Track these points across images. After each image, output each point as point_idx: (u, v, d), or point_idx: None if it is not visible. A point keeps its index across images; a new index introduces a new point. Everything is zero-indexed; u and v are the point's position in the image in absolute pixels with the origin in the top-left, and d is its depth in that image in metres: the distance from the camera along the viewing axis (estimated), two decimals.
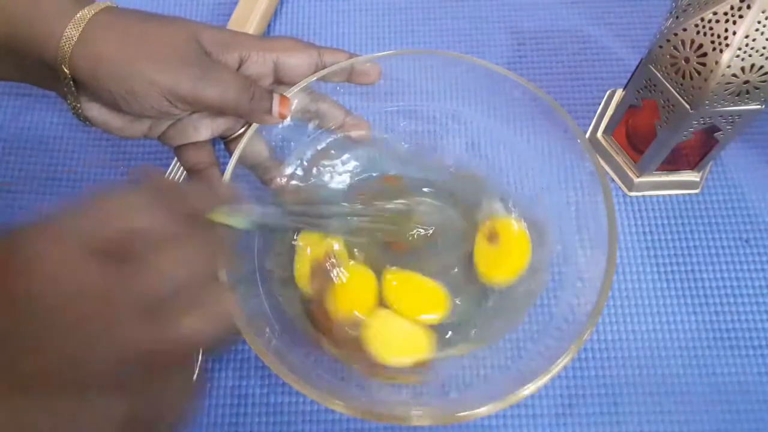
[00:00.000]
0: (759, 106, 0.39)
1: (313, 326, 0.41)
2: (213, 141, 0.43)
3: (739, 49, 0.36)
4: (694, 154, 0.47)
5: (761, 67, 0.37)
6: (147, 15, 0.38)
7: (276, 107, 0.39)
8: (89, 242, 0.24)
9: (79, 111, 0.38)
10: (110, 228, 0.25)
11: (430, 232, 0.44)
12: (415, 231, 0.44)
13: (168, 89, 0.36)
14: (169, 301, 0.25)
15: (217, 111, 0.39)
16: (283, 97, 0.39)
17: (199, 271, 0.27)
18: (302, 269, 0.42)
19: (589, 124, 0.52)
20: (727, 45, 0.36)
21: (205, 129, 0.41)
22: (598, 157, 0.39)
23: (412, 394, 0.40)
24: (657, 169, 0.48)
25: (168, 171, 0.49)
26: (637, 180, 0.49)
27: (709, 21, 0.37)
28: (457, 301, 0.42)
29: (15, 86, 0.54)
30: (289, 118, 0.41)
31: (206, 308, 0.26)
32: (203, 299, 0.26)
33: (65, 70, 0.35)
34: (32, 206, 0.50)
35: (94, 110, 0.38)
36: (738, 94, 0.38)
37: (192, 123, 0.41)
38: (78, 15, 0.35)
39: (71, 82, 0.36)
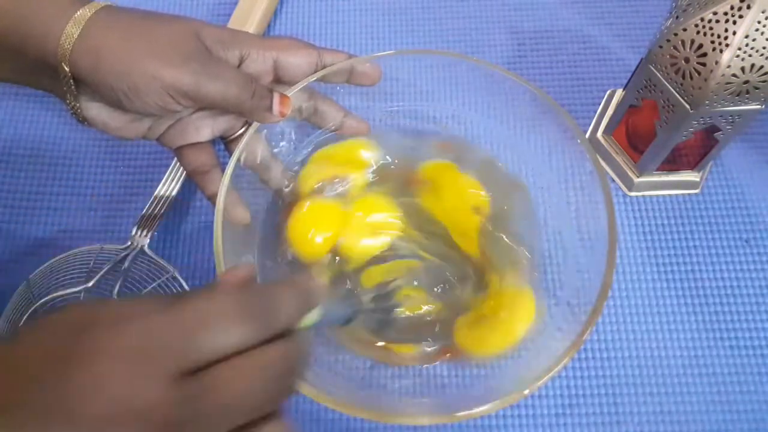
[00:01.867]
0: (759, 106, 0.39)
1: None
2: (213, 142, 0.43)
3: (739, 49, 0.36)
4: (694, 154, 0.47)
5: (761, 67, 0.37)
6: (147, 13, 0.38)
7: (276, 105, 0.39)
8: (170, 365, 0.22)
9: (78, 111, 0.38)
10: (195, 350, 0.23)
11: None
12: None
13: (170, 84, 0.35)
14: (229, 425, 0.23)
15: (218, 107, 0.39)
16: (283, 96, 0.39)
17: (270, 399, 0.25)
18: None
19: (589, 124, 0.52)
20: (727, 45, 0.36)
21: (205, 129, 0.41)
22: (598, 157, 0.39)
23: (412, 393, 0.40)
24: (657, 169, 0.48)
25: (167, 174, 0.49)
26: (637, 180, 0.49)
27: (709, 21, 0.37)
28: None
29: (15, 86, 0.54)
30: (288, 118, 0.41)
31: None
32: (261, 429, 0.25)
33: (65, 67, 0.35)
34: (32, 206, 0.50)
35: (94, 110, 0.38)
36: (738, 94, 0.38)
37: (193, 123, 0.41)
38: (78, 13, 0.35)
39: (71, 81, 0.36)
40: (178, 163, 0.49)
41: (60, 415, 0.21)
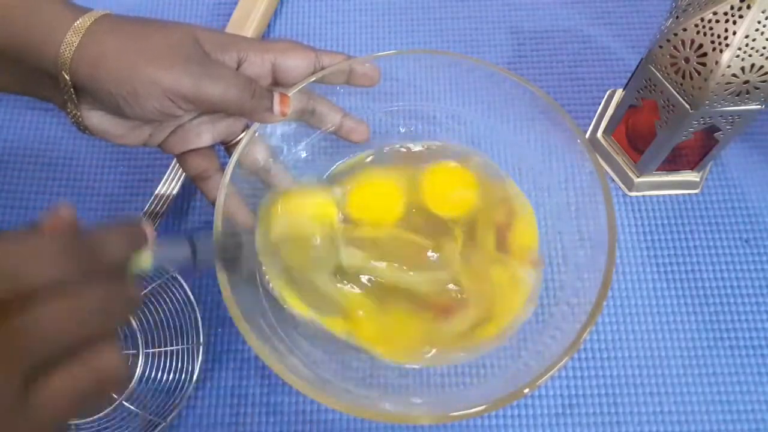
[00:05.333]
0: (759, 106, 0.39)
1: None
2: (213, 146, 0.43)
3: (739, 49, 0.36)
4: (694, 154, 0.47)
5: (761, 67, 0.37)
6: (146, 20, 0.38)
7: (277, 105, 0.39)
8: None
9: (79, 120, 0.38)
10: (4, 282, 0.22)
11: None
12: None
13: (170, 88, 0.35)
14: (50, 360, 0.23)
15: (218, 110, 0.39)
16: (283, 96, 0.39)
17: (91, 330, 0.24)
18: None
19: (589, 124, 0.52)
20: (727, 45, 0.36)
21: (206, 134, 0.41)
22: (598, 157, 0.39)
23: (412, 393, 0.40)
24: (657, 169, 0.48)
25: (167, 173, 0.49)
26: (637, 180, 0.49)
27: (709, 21, 0.37)
28: None
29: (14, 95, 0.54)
30: (287, 119, 0.41)
31: (85, 368, 0.24)
32: (86, 359, 0.24)
33: (65, 76, 0.35)
34: (32, 206, 0.50)
35: (95, 118, 0.38)
36: (738, 94, 0.38)
37: (193, 129, 0.41)
38: (77, 22, 0.35)
39: (71, 90, 0.36)
40: (177, 165, 0.49)
41: None
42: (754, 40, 0.36)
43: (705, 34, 0.37)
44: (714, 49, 0.37)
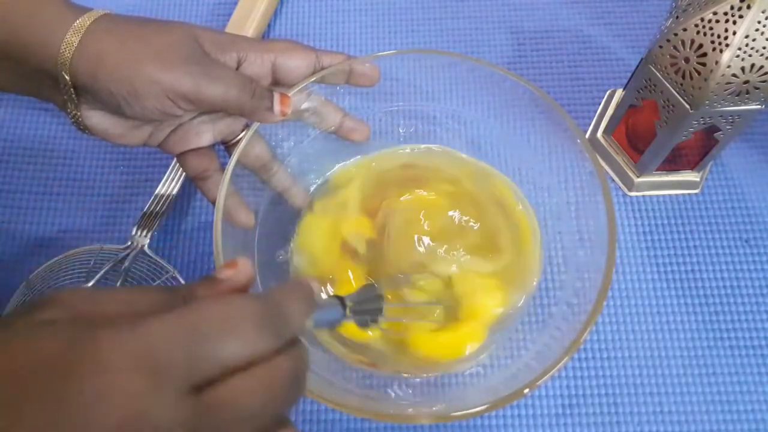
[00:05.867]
0: (759, 106, 0.39)
1: None
2: (214, 146, 0.43)
3: (739, 49, 0.36)
4: (694, 154, 0.47)
5: (761, 67, 0.37)
6: (145, 19, 0.38)
7: (277, 105, 0.39)
8: (181, 377, 0.21)
9: (79, 119, 0.38)
10: (209, 360, 0.21)
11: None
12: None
13: (170, 88, 0.35)
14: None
15: (218, 109, 0.39)
16: (283, 95, 0.39)
17: (281, 408, 0.24)
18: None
19: (589, 124, 0.52)
20: (727, 45, 0.36)
21: (206, 134, 0.41)
22: (598, 157, 0.39)
23: (412, 393, 0.40)
24: (657, 169, 0.48)
25: (167, 173, 0.49)
26: (637, 180, 0.49)
27: (709, 21, 0.37)
28: None
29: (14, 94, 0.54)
30: (287, 119, 0.41)
31: None
32: None
33: (65, 76, 0.35)
34: (32, 206, 0.50)
35: (95, 118, 0.38)
36: (738, 94, 0.38)
37: (193, 128, 0.41)
38: (77, 22, 0.35)
39: (71, 90, 0.36)
40: (177, 165, 0.49)
41: None
42: (754, 40, 0.36)
43: (705, 34, 0.37)
44: (714, 49, 0.37)
